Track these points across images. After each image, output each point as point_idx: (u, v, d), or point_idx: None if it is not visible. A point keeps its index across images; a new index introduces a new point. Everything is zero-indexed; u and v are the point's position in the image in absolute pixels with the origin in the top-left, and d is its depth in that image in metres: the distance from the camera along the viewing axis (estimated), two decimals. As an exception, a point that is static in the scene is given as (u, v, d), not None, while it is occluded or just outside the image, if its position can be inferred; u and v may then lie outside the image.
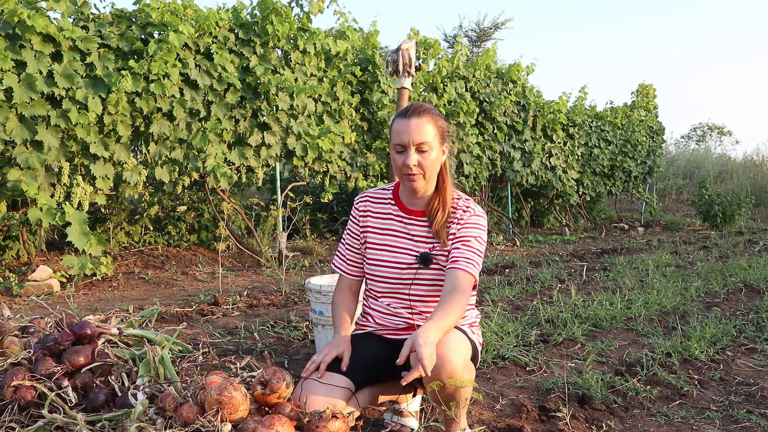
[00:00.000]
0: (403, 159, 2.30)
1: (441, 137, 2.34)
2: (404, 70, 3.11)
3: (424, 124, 2.29)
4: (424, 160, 2.29)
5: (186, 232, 8.41)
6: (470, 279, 2.26)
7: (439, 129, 2.33)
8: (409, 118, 2.30)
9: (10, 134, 5.61)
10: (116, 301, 5.27)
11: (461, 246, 2.31)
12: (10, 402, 2.30)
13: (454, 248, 2.31)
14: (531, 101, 11.84)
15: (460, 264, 2.27)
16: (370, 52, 8.81)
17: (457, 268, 2.27)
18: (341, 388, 2.25)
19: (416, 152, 2.29)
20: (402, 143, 2.30)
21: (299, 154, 7.88)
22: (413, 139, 2.27)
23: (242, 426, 2.00)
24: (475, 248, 2.32)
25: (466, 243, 2.31)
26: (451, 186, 2.42)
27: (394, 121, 2.36)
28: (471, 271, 2.27)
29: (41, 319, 3.02)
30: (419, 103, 2.38)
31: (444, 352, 2.08)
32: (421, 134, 2.27)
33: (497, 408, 2.92)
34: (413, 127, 2.28)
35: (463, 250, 2.30)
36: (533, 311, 4.74)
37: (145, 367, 2.56)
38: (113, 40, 6.29)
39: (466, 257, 2.29)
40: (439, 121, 2.34)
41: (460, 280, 2.25)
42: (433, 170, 2.33)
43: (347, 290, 2.60)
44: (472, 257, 2.29)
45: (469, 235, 2.33)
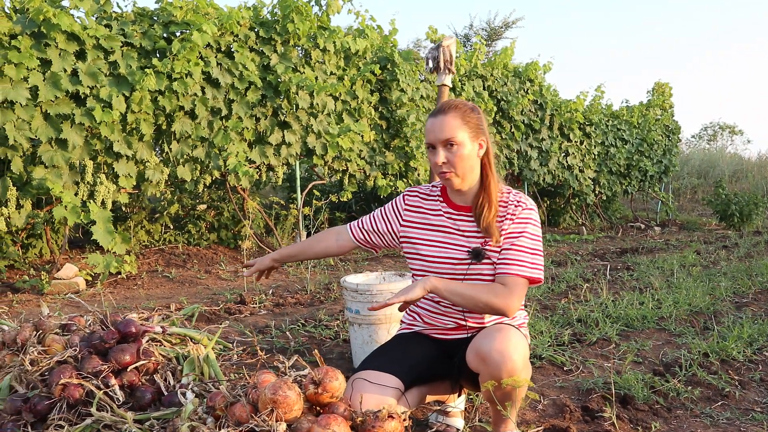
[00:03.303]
0: (434, 157, 2.28)
1: (474, 132, 2.29)
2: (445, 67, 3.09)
3: (451, 120, 2.26)
4: (452, 156, 2.25)
5: (206, 230, 8.40)
6: (519, 281, 2.22)
7: (469, 124, 2.28)
8: (436, 117, 2.29)
9: (35, 132, 5.62)
10: (142, 299, 5.26)
11: (511, 247, 2.27)
12: (59, 400, 2.29)
13: (504, 249, 2.27)
14: (548, 100, 11.80)
15: (508, 268, 2.24)
16: (389, 50, 8.79)
17: (505, 272, 2.24)
18: (392, 388, 2.23)
19: (444, 149, 2.26)
20: (430, 142, 2.29)
21: (319, 152, 7.86)
22: (439, 137, 2.25)
23: (296, 425, 1.98)
24: (526, 247, 2.27)
25: (516, 242, 2.27)
26: (496, 180, 2.37)
27: (427, 120, 2.34)
28: (521, 272, 2.23)
29: (81, 317, 3.01)
30: (450, 100, 2.35)
31: (505, 348, 2.05)
32: (447, 131, 2.24)
33: (539, 408, 2.89)
34: (438, 125, 2.26)
35: (513, 251, 2.26)
36: (563, 311, 4.71)
37: (190, 365, 2.55)
38: (136, 39, 6.29)
39: (514, 259, 2.25)
40: (469, 116, 2.30)
41: (507, 281, 2.22)
42: (466, 166, 2.28)
43: (333, 234, 2.67)
44: (522, 258, 2.25)
45: (520, 233, 2.29)
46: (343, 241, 2.63)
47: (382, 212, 2.59)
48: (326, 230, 2.71)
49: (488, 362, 2.08)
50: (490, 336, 2.12)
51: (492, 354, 2.07)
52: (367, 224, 2.60)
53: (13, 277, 6.03)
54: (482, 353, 2.10)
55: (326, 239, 2.65)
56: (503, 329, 2.14)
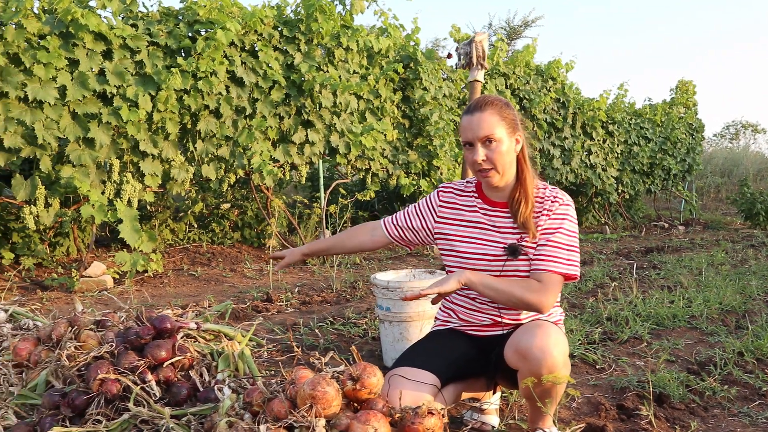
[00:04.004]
0: (472, 155, 2.25)
1: (511, 127, 2.28)
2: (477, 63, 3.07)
3: (488, 117, 2.24)
4: (492, 153, 2.24)
5: (229, 229, 8.44)
6: (555, 278, 2.20)
7: (506, 119, 2.27)
8: (472, 114, 2.26)
9: (63, 132, 5.66)
10: (169, 297, 5.29)
11: (546, 242, 2.25)
12: (97, 395, 2.30)
13: (539, 245, 2.25)
14: (570, 98, 11.72)
15: (543, 264, 2.22)
16: (412, 49, 8.77)
17: (540, 269, 2.22)
18: (429, 385, 2.22)
19: (483, 147, 2.24)
20: (468, 140, 2.26)
21: (342, 151, 7.86)
22: (477, 135, 2.23)
23: (335, 422, 1.97)
24: (562, 243, 2.25)
25: (552, 238, 2.25)
26: (531, 175, 2.35)
27: (461, 117, 2.32)
28: (556, 269, 2.21)
29: (114, 313, 3.03)
30: (483, 96, 2.32)
31: (546, 345, 2.03)
32: (485, 128, 2.22)
33: (574, 406, 2.86)
34: (476, 122, 2.24)
35: (549, 247, 2.24)
36: (592, 309, 4.67)
37: (225, 362, 2.55)
38: (162, 38, 6.32)
39: (550, 255, 2.23)
40: (505, 112, 2.28)
41: (542, 277, 2.20)
42: (505, 162, 2.27)
43: (367, 230, 2.67)
44: (557, 254, 2.23)
45: (556, 229, 2.26)
46: (377, 237, 2.62)
47: (417, 209, 2.58)
48: (359, 225, 2.70)
49: (528, 359, 2.06)
50: (530, 332, 2.10)
51: (532, 350, 2.05)
52: (401, 221, 2.59)
53: (41, 275, 6.08)
54: (522, 349, 2.08)
55: (360, 235, 2.64)
56: (543, 325, 2.12)
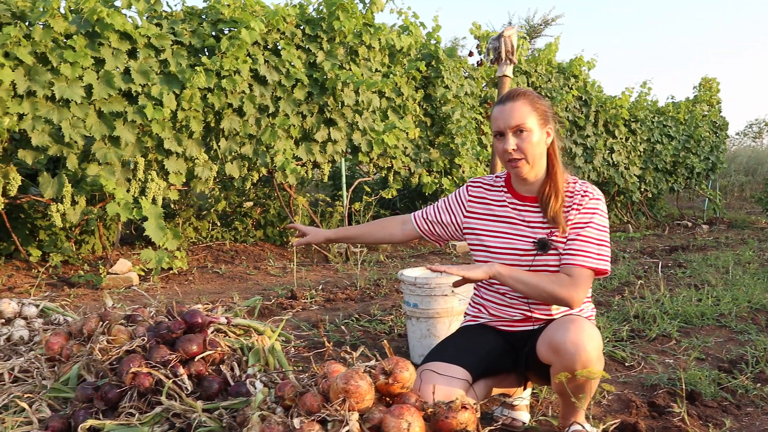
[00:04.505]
0: (503, 145, 2.25)
1: (542, 119, 2.27)
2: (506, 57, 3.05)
3: (520, 107, 2.23)
4: (523, 143, 2.22)
5: (252, 227, 8.47)
6: (585, 272, 2.19)
7: (538, 111, 2.26)
8: (504, 104, 2.26)
9: (89, 130, 5.71)
10: (194, 294, 5.32)
11: (576, 237, 2.23)
12: (129, 388, 2.31)
13: (569, 240, 2.24)
14: (593, 96, 11.64)
15: (573, 259, 2.20)
16: (433, 47, 8.75)
17: (571, 263, 2.20)
18: (461, 380, 2.21)
19: (514, 136, 2.23)
20: (499, 129, 2.25)
21: (364, 149, 7.86)
22: (509, 123, 2.22)
23: (368, 416, 1.96)
24: (592, 237, 2.23)
25: (582, 233, 2.23)
26: (562, 170, 2.33)
27: (492, 109, 2.31)
28: (586, 264, 2.19)
29: (144, 308, 3.05)
30: (516, 88, 2.32)
31: (580, 339, 2.02)
32: (517, 117, 2.22)
33: (604, 403, 2.83)
34: (508, 111, 2.23)
35: (579, 242, 2.22)
36: (618, 307, 4.63)
37: (255, 356, 2.55)
38: (185, 37, 6.36)
39: (580, 250, 2.21)
40: (537, 103, 2.27)
41: (572, 272, 2.19)
42: (536, 153, 2.25)
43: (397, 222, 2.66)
44: (587, 248, 2.21)
45: (586, 223, 2.24)
46: (407, 230, 2.62)
47: (446, 203, 2.58)
48: (389, 218, 2.70)
49: (562, 354, 2.05)
50: (563, 327, 2.08)
51: (566, 345, 2.03)
52: (431, 215, 2.59)
53: (68, 272, 6.14)
54: (555, 344, 2.06)
55: (390, 226, 2.64)
56: (577, 320, 2.10)
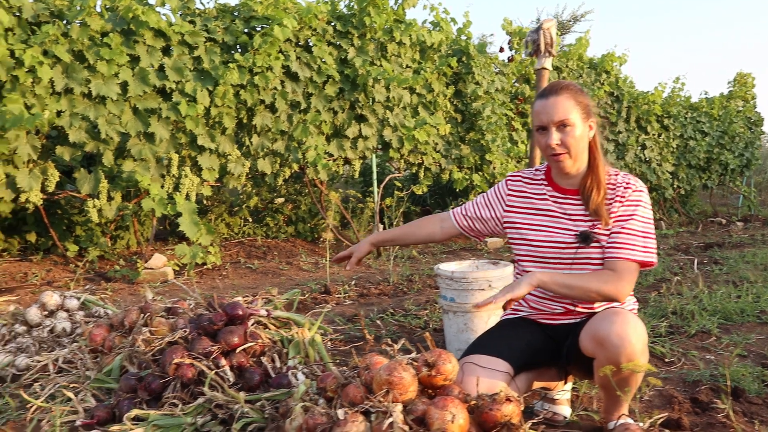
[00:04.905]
0: (546, 139, 2.23)
1: (585, 113, 2.25)
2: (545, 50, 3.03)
3: (563, 101, 2.21)
4: (566, 137, 2.21)
5: (283, 223, 8.51)
6: (630, 266, 2.17)
7: (581, 104, 2.24)
8: (547, 98, 2.24)
9: (125, 126, 5.79)
10: (228, 288, 5.36)
11: (621, 230, 2.21)
12: (172, 379, 2.34)
13: (613, 232, 2.21)
14: (624, 92, 11.51)
15: (618, 252, 2.18)
16: (464, 43, 8.72)
17: (615, 257, 2.18)
18: (503, 373, 2.20)
19: (557, 131, 2.21)
20: (542, 123, 2.23)
21: (395, 145, 7.85)
22: (552, 118, 2.20)
23: (411, 407, 1.96)
24: (636, 230, 2.20)
25: (626, 225, 2.21)
26: (603, 162, 2.32)
27: (534, 102, 2.30)
28: (631, 257, 2.17)
29: (184, 300, 3.08)
30: (558, 81, 2.30)
31: (625, 332, 1.99)
32: (561, 112, 2.20)
33: (645, 399, 2.80)
34: (551, 106, 2.21)
35: (623, 235, 2.20)
36: (655, 303, 4.58)
37: (295, 348, 2.57)
38: (218, 34, 6.41)
39: (624, 243, 2.19)
40: (580, 97, 2.26)
41: (617, 265, 2.16)
42: (579, 147, 2.24)
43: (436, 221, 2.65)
44: (632, 241, 2.19)
45: (629, 215, 2.22)
46: (447, 228, 2.61)
47: (485, 199, 2.57)
48: (427, 217, 2.70)
49: (606, 346, 2.03)
50: (607, 319, 2.06)
51: (611, 338, 2.01)
52: (470, 211, 2.58)
53: (103, 267, 6.22)
54: (600, 337, 2.04)
55: (430, 225, 2.64)
56: (621, 313, 2.08)
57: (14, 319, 3.33)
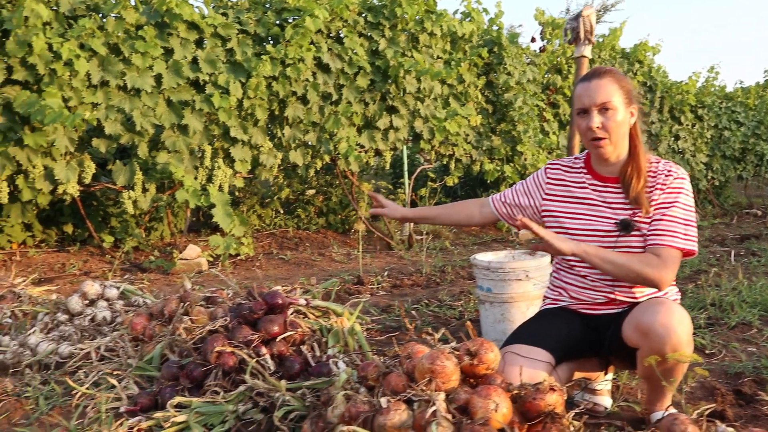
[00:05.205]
0: (586, 122, 2.21)
1: (627, 98, 2.23)
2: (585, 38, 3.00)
3: (606, 84, 2.19)
4: (607, 121, 2.19)
5: (314, 215, 8.55)
6: (673, 253, 2.14)
7: (623, 90, 2.22)
8: (590, 81, 2.22)
9: (159, 118, 5.84)
10: (262, 279, 5.39)
11: (662, 217, 2.18)
12: (214, 367, 2.36)
13: (655, 220, 2.19)
14: (658, 82, 11.35)
15: (660, 239, 2.15)
16: (495, 33, 8.65)
17: (658, 244, 2.15)
18: (544, 362, 2.19)
19: (599, 114, 2.19)
20: (583, 106, 2.21)
21: (426, 137, 7.83)
22: (594, 101, 2.18)
23: (453, 396, 1.95)
24: (678, 217, 2.18)
25: (667, 213, 2.18)
26: (644, 150, 2.29)
27: (575, 87, 2.27)
28: (674, 244, 2.14)
29: (222, 290, 3.10)
30: (601, 66, 2.27)
31: (670, 322, 1.97)
32: (603, 95, 2.18)
33: (687, 390, 2.77)
34: (594, 89, 2.19)
35: (665, 222, 2.17)
36: (693, 294, 4.52)
37: (335, 337, 2.58)
38: (251, 26, 6.44)
39: (667, 230, 2.16)
40: (623, 82, 2.23)
41: (660, 253, 2.14)
42: (620, 132, 2.21)
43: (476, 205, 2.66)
44: (674, 228, 2.16)
45: (671, 203, 2.19)
46: (486, 213, 2.61)
47: (524, 186, 2.55)
48: (466, 201, 2.70)
49: (650, 336, 2.00)
50: (651, 309, 2.04)
51: (656, 327, 1.98)
52: (509, 198, 2.57)
53: (138, 258, 6.30)
54: (644, 327, 2.02)
55: (469, 209, 2.64)
56: (666, 302, 2.05)
57: (56, 307, 3.38)
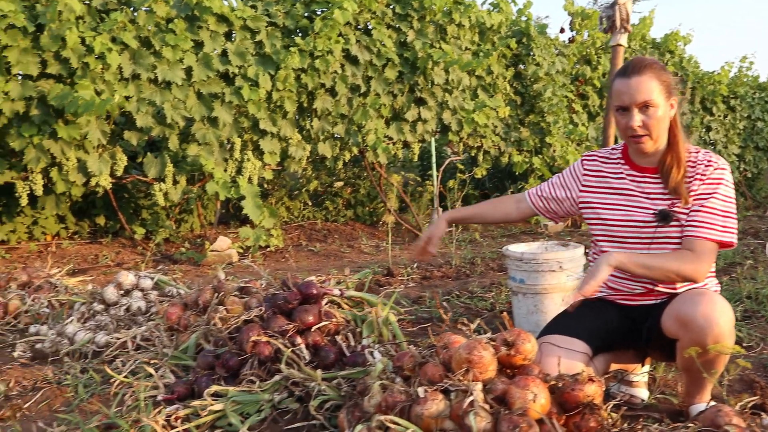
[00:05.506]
0: (626, 120, 2.17)
1: (667, 92, 2.18)
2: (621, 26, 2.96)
3: (646, 81, 2.14)
4: (649, 119, 2.14)
5: (343, 207, 8.57)
6: (709, 245, 2.11)
7: (663, 83, 2.17)
8: (629, 77, 2.16)
9: (189, 111, 5.88)
10: (292, 270, 5.42)
11: (700, 209, 2.15)
12: (250, 356, 2.37)
13: (693, 211, 2.16)
14: (689, 72, 11.20)
15: (696, 231, 2.12)
16: (524, 24, 8.59)
17: (693, 235, 2.12)
18: (581, 353, 2.17)
19: (640, 112, 2.15)
20: (623, 104, 2.17)
21: (454, 129, 7.80)
22: (635, 99, 2.13)
23: (490, 386, 1.95)
24: (717, 209, 2.14)
25: (706, 204, 2.15)
26: (683, 140, 2.25)
27: (614, 80, 2.23)
28: (710, 236, 2.11)
29: (256, 280, 3.12)
30: (640, 59, 2.21)
31: (711, 312, 1.94)
32: (644, 93, 2.12)
33: (724, 382, 2.73)
34: (634, 87, 2.14)
35: (702, 213, 2.14)
36: (728, 287, 4.45)
37: (369, 327, 2.58)
38: (279, 18, 6.45)
39: (703, 222, 2.13)
40: (663, 75, 2.18)
41: (695, 245, 2.11)
42: (660, 128, 2.17)
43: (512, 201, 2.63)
44: (712, 220, 2.13)
45: (710, 194, 2.16)
46: (523, 208, 2.59)
47: (561, 179, 2.53)
48: (502, 197, 2.69)
49: (691, 327, 1.98)
50: (692, 300, 2.01)
51: (697, 318, 1.96)
52: (546, 191, 2.54)
53: (169, 250, 6.37)
54: (685, 318, 1.99)
55: (505, 205, 2.62)
56: (707, 293, 2.02)
57: (92, 297, 3.43)
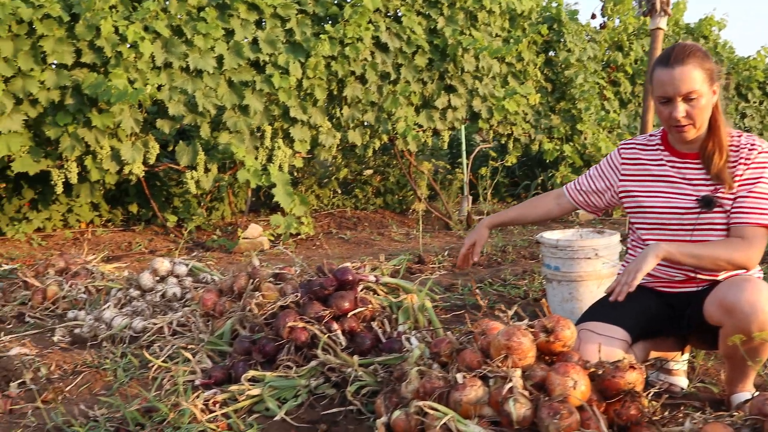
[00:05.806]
0: (670, 111, 2.11)
1: (710, 79, 2.12)
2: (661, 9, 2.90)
3: (690, 71, 2.07)
4: (692, 109, 2.09)
5: (372, 195, 8.57)
6: (759, 231, 2.07)
7: (707, 72, 2.11)
8: (672, 67, 2.09)
9: (220, 99, 5.90)
10: (323, 258, 5.43)
11: (748, 194, 2.10)
12: (286, 342, 2.38)
13: (740, 197, 2.11)
14: (724, 58, 10.99)
15: (746, 217, 2.08)
16: (555, 10, 8.48)
17: (743, 222, 2.08)
18: (620, 340, 2.15)
19: (683, 102, 2.09)
20: (666, 95, 2.11)
21: (484, 116, 7.74)
22: (679, 90, 2.07)
23: (529, 373, 1.94)
24: (764, 194, 2.10)
25: (753, 189, 2.10)
26: (725, 125, 2.19)
27: (655, 68, 2.16)
28: (761, 221, 2.07)
29: (290, 267, 3.13)
30: (681, 46, 2.14)
31: (757, 299, 1.91)
32: (687, 83, 2.06)
33: (765, 372, 2.69)
34: (677, 77, 2.07)
35: (751, 199, 2.10)
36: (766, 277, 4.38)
37: (405, 314, 2.58)
38: (309, 6, 6.44)
39: (752, 207, 2.09)
40: (706, 63, 2.12)
41: (745, 231, 2.07)
42: (704, 117, 2.12)
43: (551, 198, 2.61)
44: (761, 205, 2.08)
45: (756, 178, 2.11)
46: (564, 204, 2.56)
47: (598, 170, 2.50)
48: (541, 195, 2.67)
49: (735, 314, 1.94)
50: (737, 286, 1.98)
51: (741, 305, 1.92)
52: (584, 185, 2.51)
53: (201, 237, 6.42)
54: (728, 304, 1.96)
55: (545, 204, 2.59)
56: (751, 279, 1.99)
57: (128, 283, 3.47)
